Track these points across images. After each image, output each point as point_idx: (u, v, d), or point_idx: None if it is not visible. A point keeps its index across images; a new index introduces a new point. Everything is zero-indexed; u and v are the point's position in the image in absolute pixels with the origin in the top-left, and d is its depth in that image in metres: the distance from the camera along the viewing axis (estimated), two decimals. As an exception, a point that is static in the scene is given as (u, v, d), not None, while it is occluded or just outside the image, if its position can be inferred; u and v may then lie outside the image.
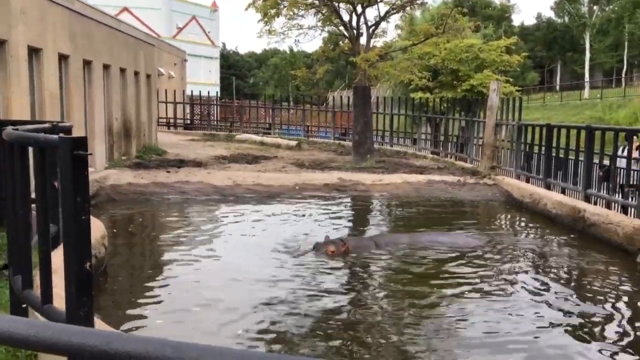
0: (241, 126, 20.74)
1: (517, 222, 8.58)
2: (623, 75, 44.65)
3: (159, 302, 4.62)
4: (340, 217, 8.38)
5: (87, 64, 9.99)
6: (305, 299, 4.67)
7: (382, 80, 16.01)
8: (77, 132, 6.95)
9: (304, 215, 8.28)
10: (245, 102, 22.64)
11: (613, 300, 4.95)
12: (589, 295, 5.11)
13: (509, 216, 8.97)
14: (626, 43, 45.70)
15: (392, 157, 14.27)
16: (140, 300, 4.67)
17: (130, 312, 4.41)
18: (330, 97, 31.04)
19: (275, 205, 8.88)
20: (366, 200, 9.75)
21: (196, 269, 5.48)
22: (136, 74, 12.80)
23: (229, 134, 19.54)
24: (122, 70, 11.83)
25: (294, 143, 16.57)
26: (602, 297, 5.01)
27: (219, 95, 27.24)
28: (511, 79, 20.20)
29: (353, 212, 9.20)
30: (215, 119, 22.53)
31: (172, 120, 21.63)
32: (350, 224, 8.24)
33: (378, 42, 15.01)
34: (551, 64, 53.76)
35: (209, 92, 22.33)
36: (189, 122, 22.29)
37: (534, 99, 43.32)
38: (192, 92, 23.51)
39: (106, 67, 10.92)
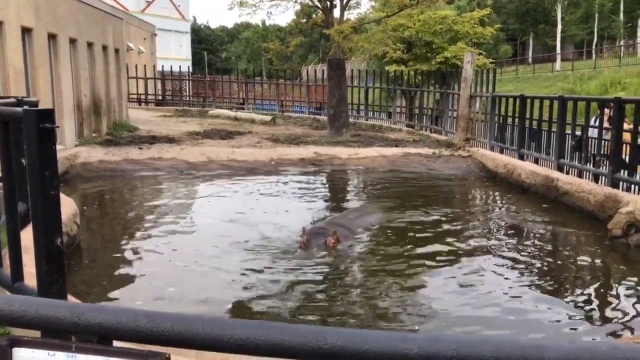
0: (214, 101, 20.43)
1: (492, 193, 8.68)
2: (593, 47, 45.23)
3: (134, 279, 4.56)
4: (317, 192, 8.35)
5: (52, 37, 9.65)
6: (282, 268, 4.66)
7: (357, 53, 15.88)
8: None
9: (280, 190, 8.23)
10: (217, 77, 22.24)
11: (584, 265, 5.06)
12: (561, 260, 5.21)
13: (483, 187, 9.06)
14: (596, 15, 46.19)
15: (367, 131, 14.25)
16: (116, 278, 4.59)
17: (105, 289, 4.34)
18: (304, 71, 30.71)
19: (251, 181, 8.81)
20: (342, 174, 9.74)
21: (172, 246, 5.40)
22: (104, 48, 12.43)
23: (201, 109, 19.25)
24: (90, 45, 11.48)
25: (268, 118, 16.41)
26: (574, 263, 5.12)
27: (190, 70, 26.73)
28: (484, 52, 20.26)
29: (329, 187, 9.19)
30: (187, 94, 22.14)
31: (143, 97, 21.19)
32: (327, 199, 8.22)
33: (352, 14, 14.91)
34: (524, 37, 54.07)
35: (180, 67, 21.88)
36: (160, 98, 21.87)
37: (507, 72, 43.65)
38: (162, 67, 23.02)
39: (72, 41, 10.56)
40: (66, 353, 0.98)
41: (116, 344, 1.01)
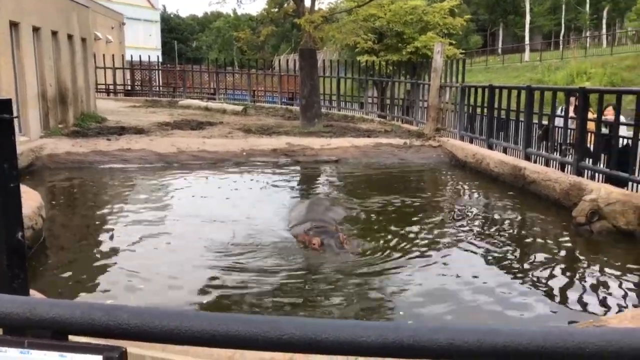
0: (184, 92, 20.16)
1: (461, 182, 8.79)
2: (561, 38, 46.08)
3: (103, 275, 4.47)
4: (289, 183, 8.33)
5: (14, 25, 9.36)
6: (256, 268, 4.64)
7: (328, 43, 15.85)
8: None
9: (252, 181, 8.19)
10: (188, 66, 21.93)
11: (550, 251, 5.18)
12: (527, 247, 5.33)
13: (453, 176, 9.17)
14: (563, 7, 47.03)
15: (339, 121, 14.27)
16: (83, 273, 4.50)
17: (72, 285, 4.25)
18: (276, 61, 30.53)
19: (222, 172, 8.74)
20: (315, 165, 9.74)
21: (143, 241, 5.31)
22: (70, 37, 12.13)
23: (172, 100, 18.99)
24: (54, 34, 11.18)
25: (240, 108, 16.28)
26: (539, 249, 5.23)
27: (160, 60, 26.30)
28: (455, 42, 20.42)
29: (302, 178, 9.18)
30: (157, 84, 21.79)
31: (111, 87, 20.79)
32: (300, 190, 8.22)
33: (323, 4, 14.82)
34: (493, 27, 54.72)
35: (149, 57, 21.50)
36: (129, 88, 21.48)
37: (477, 62, 44.16)
38: (131, 57, 22.62)
39: (36, 29, 10.27)
40: (19, 349, 0.95)
41: (72, 339, 0.99)
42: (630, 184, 6.26)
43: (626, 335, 0.93)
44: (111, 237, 5.43)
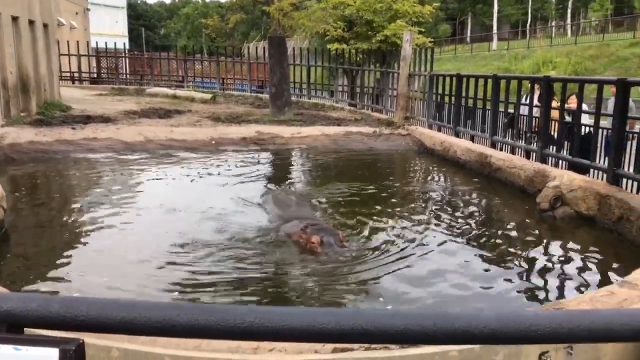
0: (152, 79, 19.83)
1: (429, 169, 8.89)
2: (528, 28, 46.80)
3: (66, 269, 4.36)
4: (260, 173, 8.29)
5: (-28, 11, 9.04)
6: (229, 255, 4.62)
7: (298, 31, 15.75)
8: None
9: (222, 171, 8.12)
10: (155, 54, 21.58)
11: (514, 237, 5.31)
12: (493, 233, 5.44)
13: (421, 164, 9.28)
14: (530, -4, 47.72)
15: (310, 110, 14.25)
16: (46, 267, 4.38)
17: (33, 278, 4.15)
18: (245, 48, 30.21)
19: (191, 161, 8.65)
20: (285, 154, 9.72)
21: (109, 233, 5.22)
22: (31, 23, 11.77)
23: (139, 87, 18.65)
24: (15, 19, 10.83)
25: (208, 96, 16.10)
26: (505, 235, 5.35)
27: (127, 47, 25.76)
28: (424, 30, 20.53)
29: (272, 166, 9.15)
30: (124, 72, 21.37)
31: (76, 74, 20.29)
32: (271, 179, 8.19)
33: (292, -9, 14.66)
34: (462, 16, 55.22)
35: (115, 44, 21.04)
36: (95, 75, 21.02)
37: (446, 51, 44.55)
38: (97, 43, 22.11)
39: (-5, 14, 9.94)
40: (-28, 343, 0.94)
41: (30, 332, 0.98)
42: (591, 170, 6.44)
43: (575, 317, 0.96)
44: (75, 231, 5.33)
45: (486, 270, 4.41)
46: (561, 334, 0.95)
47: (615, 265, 4.58)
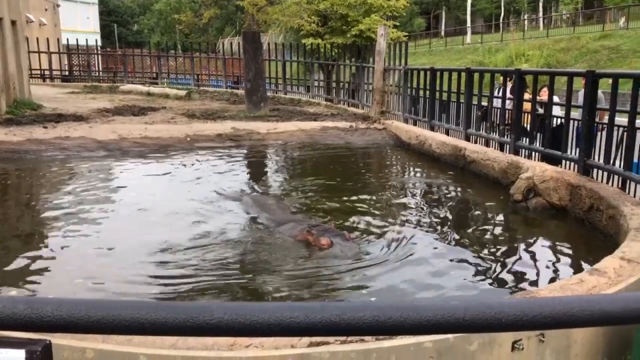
0: (126, 76, 19.54)
1: (405, 163, 8.96)
2: (501, 21, 47.33)
3: (39, 272, 4.25)
4: (237, 169, 8.25)
5: (-64, 7, 8.79)
6: (200, 260, 4.59)
7: (273, 26, 15.69)
8: None
9: (198, 168, 8.06)
10: (129, 50, 21.24)
11: (489, 228, 5.39)
12: (467, 224, 5.52)
13: (397, 158, 9.34)
14: (503, -10, 48.23)
15: (286, 105, 14.22)
16: (16, 271, 4.29)
17: (2, 283, 4.06)
18: (220, 44, 29.97)
19: (166, 159, 8.56)
20: (261, 150, 9.69)
21: (78, 232, 5.15)
22: (-1, 19, 11.50)
23: (112, 85, 18.37)
24: (-19, 16, 10.57)
25: (183, 93, 15.95)
26: (479, 225, 5.43)
27: (99, 43, 25.33)
28: (399, 25, 20.62)
29: (248, 163, 9.11)
30: (96, 69, 21.04)
31: (47, 72, 19.90)
32: (247, 175, 8.16)
33: (266, -14, 14.58)
34: (437, 10, 55.59)
35: (87, 41, 20.68)
36: (67, 73, 20.63)
37: (421, 45, 44.84)
38: (67, 40, 21.69)
39: (-39, 11, 9.68)
40: None
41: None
42: (563, 161, 6.57)
43: (537, 305, 0.99)
44: (48, 233, 5.24)
45: (461, 261, 4.47)
46: (525, 322, 0.97)
47: (586, 254, 4.69)
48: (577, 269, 4.20)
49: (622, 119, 5.56)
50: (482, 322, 0.97)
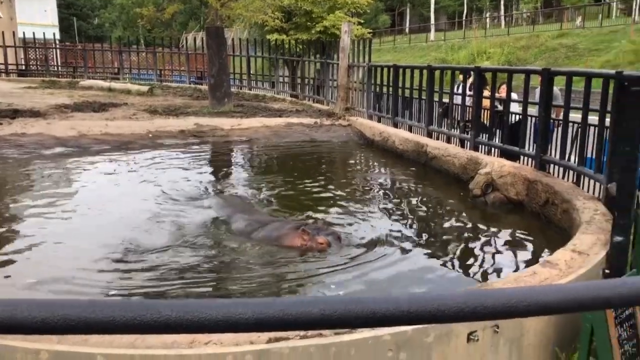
0: (86, 72, 19.09)
1: (368, 160, 9.05)
2: (464, 19, 48.09)
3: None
4: (200, 166, 8.17)
5: None
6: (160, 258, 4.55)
7: (237, 22, 15.57)
8: None
9: (160, 166, 7.96)
10: (89, 45, 20.74)
11: (448, 221, 5.51)
12: (429, 218, 5.62)
13: (361, 155, 9.42)
14: (466, -12, 49.02)
15: (250, 101, 14.14)
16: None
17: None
18: (184, 39, 29.53)
19: (127, 156, 8.41)
20: (225, 146, 9.61)
21: (36, 232, 5.01)
22: (-50, 11, 11.08)
23: (72, 80, 17.92)
24: None
25: (145, 88, 15.68)
26: (440, 220, 5.54)
27: (58, 37, 24.67)
28: (364, 21, 20.74)
29: (212, 160, 9.03)
30: (55, 64, 20.48)
31: (2, 66, 19.27)
32: (211, 173, 8.09)
33: (230, -19, 14.47)
34: (401, 7, 56.09)
35: (44, 34, 20.09)
36: (23, 68, 20.02)
37: (385, 42, 45.18)
38: (24, 34, 21.03)
39: None
40: None
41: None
42: (521, 157, 6.75)
43: (479, 297, 1.03)
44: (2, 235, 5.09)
45: (421, 255, 4.55)
46: (466, 313, 1.01)
47: (541, 247, 4.84)
48: (533, 261, 4.32)
49: (577, 116, 5.75)
50: (425, 314, 1.01)
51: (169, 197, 6.18)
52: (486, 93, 7.71)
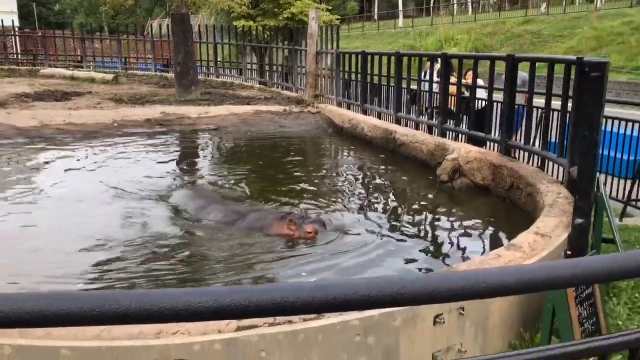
0: (47, 60, 18.55)
1: (338, 147, 9.07)
2: (431, 5, 48.31)
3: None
4: (166, 156, 8.05)
5: None
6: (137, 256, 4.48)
7: (203, 8, 15.32)
8: None
9: (126, 156, 7.82)
10: (50, 32, 20.14)
11: (416, 206, 5.57)
12: (398, 204, 5.68)
13: (331, 142, 9.43)
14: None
15: (218, 89, 13.98)
16: None
17: None
18: (149, 26, 28.95)
19: (91, 146, 8.23)
20: (192, 135, 9.50)
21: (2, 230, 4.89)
22: None
23: (32, 68, 17.39)
24: None
25: (110, 77, 15.34)
26: (409, 205, 5.60)
27: (16, 24, 23.88)
28: (332, 8, 20.66)
29: (179, 149, 8.92)
30: (14, 52, 19.83)
31: (-41, 55, 18.59)
32: (179, 163, 7.99)
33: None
34: (369, -6, 55.94)
35: (2, 21, 19.40)
36: (-19, 56, 19.32)
37: (354, 28, 45.12)
38: (-19, 21, 20.25)
39: None
40: None
41: None
42: (487, 143, 6.85)
43: (437, 280, 1.04)
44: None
45: (391, 240, 4.60)
46: (425, 296, 1.03)
47: (507, 230, 4.94)
48: (499, 245, 4.41)
49: (541, 101, 5.84)
50: (386, 298, 1.02)
51: (135, 189, 6.08)
52: (453, 80, 7.78)
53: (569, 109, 4.97)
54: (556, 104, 5.34)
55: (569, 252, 3.57)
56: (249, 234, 4.55)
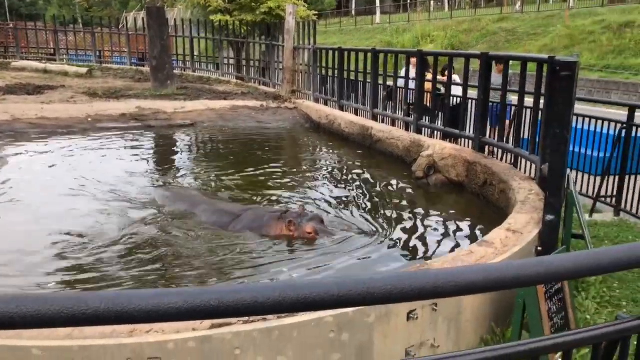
0: (18, 52, 18.15)
1: (316, 143, 9.07)
2: (408, 1, 48.53)
3: None
4: (141, 152, 7.95)
5: None
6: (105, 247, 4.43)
7: (179, 1, 15.13)
8: None
9: (101, 151, 7.70)
10: (21, 23, 19.70)
11: (392, 202, 5.62)
12: (374, 200, 5.71)
13: (308, 138, 9.43)
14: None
15: (194, 83, 13.85)
16: None
17: None
18: (124, 19, 28.49)
19: (65, 141, 8.10)
20: (168, 130, 9.40)
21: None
22: None
23: (3, 61, 17.01)
24: None
25: (84, 70, 15.07)
26: (384, 201, 5.64)
27: (-14, 15, 23.28)
28: (310, 3, 20.58)
29: (155, 145, 8.82)
30: (-16, 44, 19.33)
31: None
32: (154, 159, 7.91)
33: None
34: (347, -11, 55.90)
35: (-28, 12, 18.93)
36: (-51, 47, 18.82)
37: (332, 24, 45.11)
38: (-51, 11, 19.70)
39: None
40: None
41: None
42: (461, 139, 6.94)
43: (407, 279, 1.06)
44: None
45: (364, 237, 4.63)
46: (395, 294, 1.05)
47: (480, 226, 5.01)
48: (472, 240, 4.49)
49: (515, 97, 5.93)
50: (355, 297, 1.03)
51: (109, 185, 5.99)
52: (429, 76, 7.85)
53: (542, 106, 5.06)
54: (529, 101, 5.43)
55: (539, 248, 3.64)
56: (247, 236, 4.43)
